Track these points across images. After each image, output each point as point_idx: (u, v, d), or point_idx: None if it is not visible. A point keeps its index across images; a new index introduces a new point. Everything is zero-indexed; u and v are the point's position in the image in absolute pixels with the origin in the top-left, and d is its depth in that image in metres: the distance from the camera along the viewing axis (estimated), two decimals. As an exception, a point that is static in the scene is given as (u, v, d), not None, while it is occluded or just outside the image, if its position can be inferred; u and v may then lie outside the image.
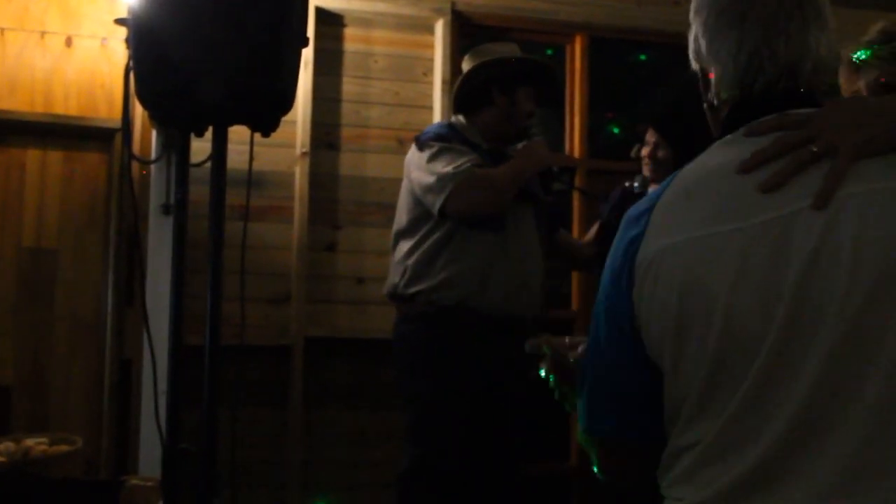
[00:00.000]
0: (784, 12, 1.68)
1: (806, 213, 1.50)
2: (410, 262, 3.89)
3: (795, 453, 1.50)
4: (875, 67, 2.50)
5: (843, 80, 2.59)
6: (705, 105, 1.82)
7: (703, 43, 1.75)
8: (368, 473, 4.88)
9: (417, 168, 3.90)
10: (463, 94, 4.06)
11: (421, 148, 3.92)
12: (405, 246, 3.93)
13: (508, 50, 4.13)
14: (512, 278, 3.86)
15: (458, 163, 3.81)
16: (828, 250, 1.48)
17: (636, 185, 4.20)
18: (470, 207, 3.80)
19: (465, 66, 4.12)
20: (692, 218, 1.60)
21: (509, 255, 3.86)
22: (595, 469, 1.82)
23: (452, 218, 3.82)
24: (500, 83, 4.00)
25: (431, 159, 3.85)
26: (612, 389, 1.75)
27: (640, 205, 1.72)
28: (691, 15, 1.78)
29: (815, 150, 1.54)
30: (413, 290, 3.87)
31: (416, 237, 3.90)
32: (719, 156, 1.67)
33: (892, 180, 1.50)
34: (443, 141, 3.91)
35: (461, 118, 4.06)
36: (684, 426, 1.63)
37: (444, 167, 3.81)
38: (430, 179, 3.81)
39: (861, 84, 2.50)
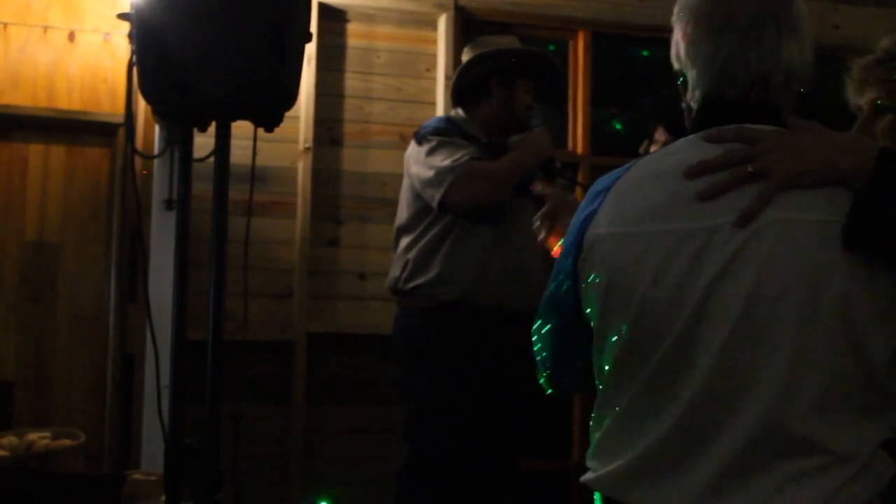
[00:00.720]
0: (758, 24, 1.74)
1: (728, 229, 1.61)
2: (410, 256, 3.89)
3: (681, 448, 1.62)
4: (873, 88, 2.51)
5: (849, 92, 2.59)
6: (683, 105, 1.90)
7: (682, 47, 1.84)
8: (370, 468, 4.88)
9: (416, 162, 3.89)
10: (462, 86, 4.05)
11: (420, 142, 3.92)
12: (406, 241, 3.93)
13: (508, 42, 4.12)
14: (511, 271, 3.85)
15: (457, 156, 3.80)
16: (737, 266, 1.59)
17: None
18: (469, 200, 3.79)
19: (465, 57, 4.11)
20: (633, 210, 1.72)
21: (508, 247, 3.85)
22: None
23: (452, 211, 3.82)
24: (499, 75, 3.99)
25: (430, 153, 3.85)
26: (561, 351, 1.98)
27: (603, 180, 1.83)
28: (673, 18, 1.87)
29: (750, 170, 1.63)
30: (413, 284, 3.87)
31: (417, 232, 3.90)
32: (676, 154, 1.76)
33: (812, 212, 1.60)
34: (441, 135, 3.90)
35: (460, 111, 4.05)
36: (600, 403, 1.77)
37: (442, 161, 3.80)
38: (429, 173, 3.81)
39: (863, 101, 2.50)
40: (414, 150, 3.94)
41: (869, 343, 1.57)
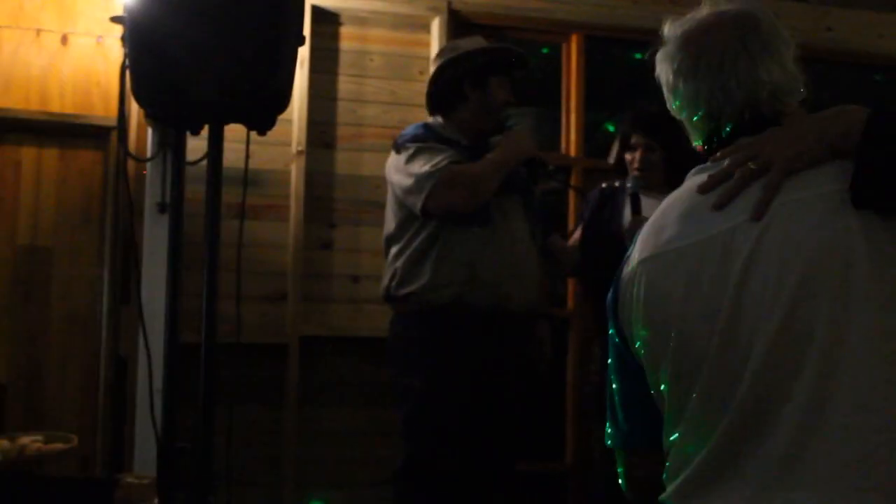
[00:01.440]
0: (730, 55, 1.82)
1: (746, 224, 1.68)
2: (399, 264, 3.90)
3: (734, 453, 1.64)
4: None
5: None
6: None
7: (668, 97, 1.93)
8: (364, 472, 4.88)
9: (396, 171, 3.90)
10: (436, 94, 4.06)
11: (398, 151, 3.93)
12: (394, 249, 3.94)
13: (473, 43, 4.12)
14: (503, 271, 3.84)
15: (435, 161, 3.81)
16: (761, 254, 1.65)
17: (629, 185, 4.19)
18: (450, 204, 3.80)
19: (433, 67, 4.13)
20: (662, 236, 1.80)
21: (498, 248, 3.85)
22: (623, 484, 1.98)
23: (435, 216, 3.83)
24: (470, 77, 3.99)
25: (409, 161, 3.86)
26: (628, 405, 1.94)
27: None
28: (656, 69, 1.97)
29: (752, 167, 1.72)
30: (405, 291, 3.88)
31: (404, 240, 3.91)
32: (691, 181, 1.85)
33: (819, 187, 1.65)
34: (419, 141, 3.90)
35: (438, 118, 4.06)
36: (667, 428, 1.78)
37: (421, 167, 3.81)
38: (409, 181, 3.82)
39: None
40: (393, 159, 3.95)
41: None
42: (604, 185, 4.48)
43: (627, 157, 4.28)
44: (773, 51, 1.83)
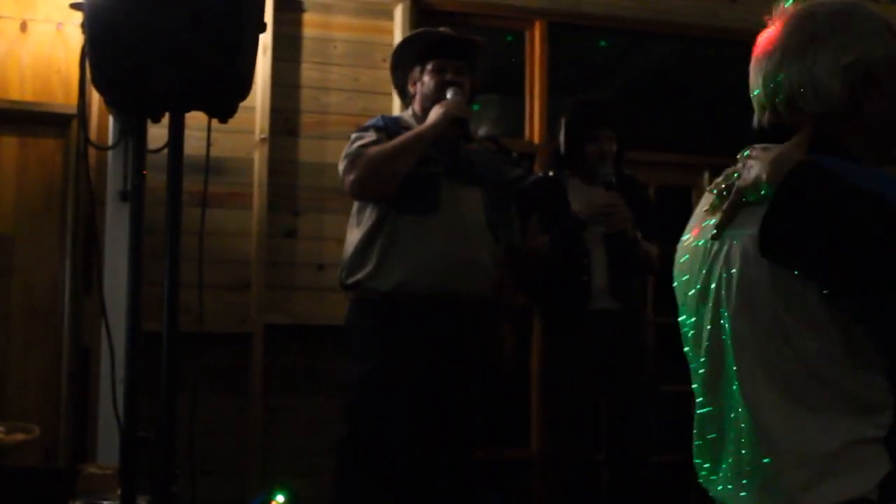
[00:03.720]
0: (771, 49, 1.85)
1: (711, 242, 1.82)
2: (349, 252, 3.96)
3: (720, 442, 1.86)
4: None
5: None
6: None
7: None
8: (329, 460, 4.85)
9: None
10: (396, 88, 4.21)
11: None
12: (348, 237, 4.01)
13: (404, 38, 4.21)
14: (447, 260, 3.85)
15: (355, 146, 3.91)
16: (714, 282, 1.79)
17: (603, 172, 4.25)
18: (358, 187, 3.89)
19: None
20: (688, 226, 1.95)
21: (444, 236, 3.86)
22: None
23: (356, 198, 3.95)
24: (403, 70, 4.10)
25: (347, 148, 3.97)
26: None
27: None
28: None
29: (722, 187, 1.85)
30: (352, 279, 3.92)
31: (356, 227, 3.97)
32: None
33: (751, 227, 1.72)
34: (362, 130, 4.00)
35: (408, 111, 4.15)
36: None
37: (346, 152, 3.93)
38: (340, 166, 3.94)
39: None
40: None
41: (803, 344, 1.68)
42: (539, 174, 4.55)
43: (592, 147, 4.31)
44: (805, 53, 1.80)
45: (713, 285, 1.79)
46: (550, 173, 4.45)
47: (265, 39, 4.85)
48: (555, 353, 4.40)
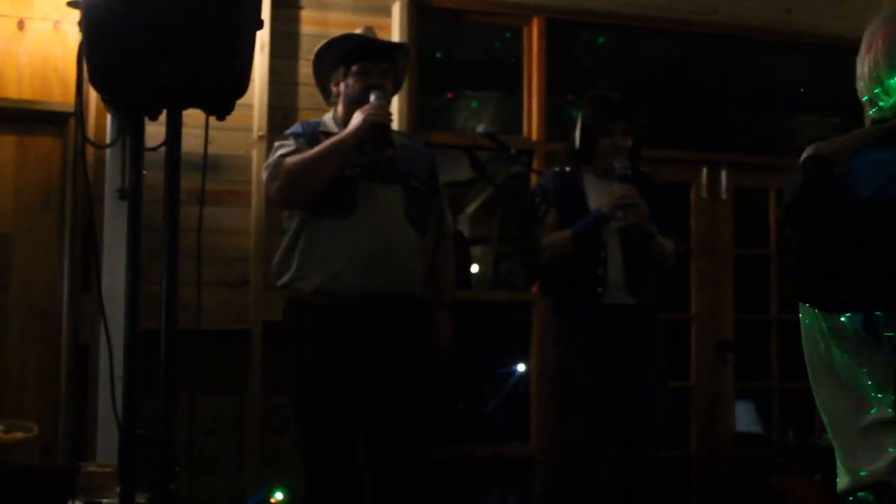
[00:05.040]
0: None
1: None
2: (276, 256, 4.05)
3: None
4: None
5: None
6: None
7: None
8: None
9: None
10: (323, 92, 4.25)
11: None
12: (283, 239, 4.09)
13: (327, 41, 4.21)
14: (367, 260, 3.89)
15: (275, 155, 3.96)
16: None
17: (618, 165, 4.25)
18: (280, 196, 3.96)
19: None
20: None
21: (363, 237, 3.90)
22: None
23: (280, 208, 4.04)
24: (323, 76, 4.16)
25: (268, 157, 4.03)
26: None
27: None
28: None
29: None
30: (280, 282, 4.02)
31: (286, 230, 4.05)
32: None
33: None
34: (283, 138, 4.05)
35: (329, 113, 4.19)
36: None
37: (266, 162, 4.01)
38: (263, 176, 4.03)
39: None
40: None
41: None
42: (556, 169, 4.52)
43: (603, 142, 4.30)
44: (862, 52, 1.87)
45: None
46: (567, 168, 4.43)
47: (262, 36, 4.84)
48: (567, 347, 4.35)
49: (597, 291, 4.23)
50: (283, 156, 3.91)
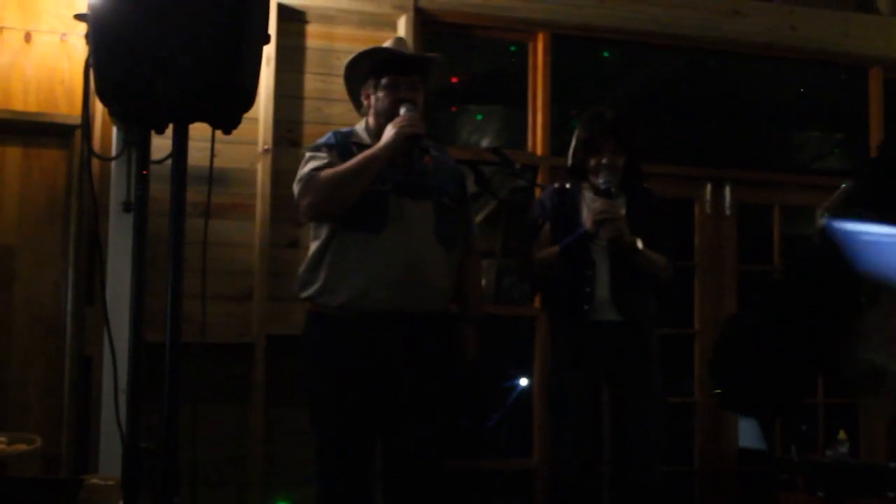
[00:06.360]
0: None
1: None
2: (303, 266, 3.97)
3: None
4: None
5: None
6: None
7: None
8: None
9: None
10: (354, 103, 4.16)
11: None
12: (309, 250, 4.02)
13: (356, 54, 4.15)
14: (394, 277, 3.83)
15: (310, 167, 3.89)
16: None
17: (602, 180, 4.27)
18: (312, 211, 3.88)
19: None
20: None
21: (390, 254, 3.84)
22: None
23: (311, 221, 3.96)
24: (354, 85, 4.08)
25: (301, 168, 3.95)
26: None
27: None
28: None
29: None
30: (304, 294, 3.94)
31: (312, 241, 3.98)
32: None
33: None
34: (314, 149, 3.98)
35: (361, 123, 4.11)
36: None
37: (300, 174, 3.92)
38: (295, 188, 3.93)
39: None
40: None
41: None
42: (556, 185, 4.55)
43: (593, 160, 4.33)
44: None
45: None
46: (567, 185, 4.47)
47: (268, 50, 4.86)
48: (557, 360, 4.41)
49: (584, 308, 4.26)
50: (316, 169, 3.86)
